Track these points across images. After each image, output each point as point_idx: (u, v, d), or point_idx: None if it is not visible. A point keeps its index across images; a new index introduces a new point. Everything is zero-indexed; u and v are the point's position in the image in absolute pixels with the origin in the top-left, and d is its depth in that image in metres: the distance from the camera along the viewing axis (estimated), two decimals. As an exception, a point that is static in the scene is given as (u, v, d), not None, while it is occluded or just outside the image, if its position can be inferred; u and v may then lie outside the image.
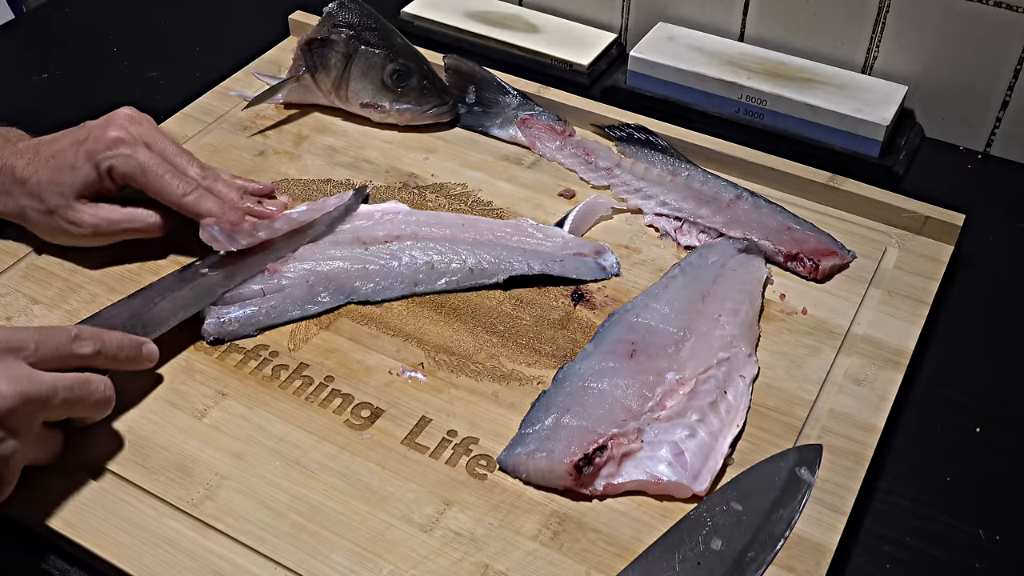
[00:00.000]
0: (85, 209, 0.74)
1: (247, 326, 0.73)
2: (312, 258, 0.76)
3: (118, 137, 0.73)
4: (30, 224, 0.76)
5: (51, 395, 0.57)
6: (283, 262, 0.76)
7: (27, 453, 0.58)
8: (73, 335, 0.61)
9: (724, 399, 0.66)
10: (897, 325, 0.74)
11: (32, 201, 0.74)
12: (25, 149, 0.75)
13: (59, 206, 0.73)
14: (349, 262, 0.76)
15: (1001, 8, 0.85)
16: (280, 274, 0.75)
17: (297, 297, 0.74)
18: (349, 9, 0.90)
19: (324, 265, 0.76)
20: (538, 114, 0.91)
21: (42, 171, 0.73)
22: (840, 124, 0.89)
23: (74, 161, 0.73)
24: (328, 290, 0.75)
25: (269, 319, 0.73)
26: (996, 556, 0.62)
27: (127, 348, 0.64)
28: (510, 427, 0.67)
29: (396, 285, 0.76)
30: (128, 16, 1.12)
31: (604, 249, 0.79)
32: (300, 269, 0.75)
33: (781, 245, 0.78)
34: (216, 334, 0.72)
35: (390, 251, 0.77)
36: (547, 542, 0.61)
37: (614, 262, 0.79)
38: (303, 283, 0.75)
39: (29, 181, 0.73)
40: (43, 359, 0.58)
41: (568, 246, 0.79)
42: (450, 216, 0.81)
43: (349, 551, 0.60)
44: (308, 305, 0.74)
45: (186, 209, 0.74)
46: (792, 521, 0.61)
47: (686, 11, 1.01)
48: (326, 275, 0.75)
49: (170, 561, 0.59)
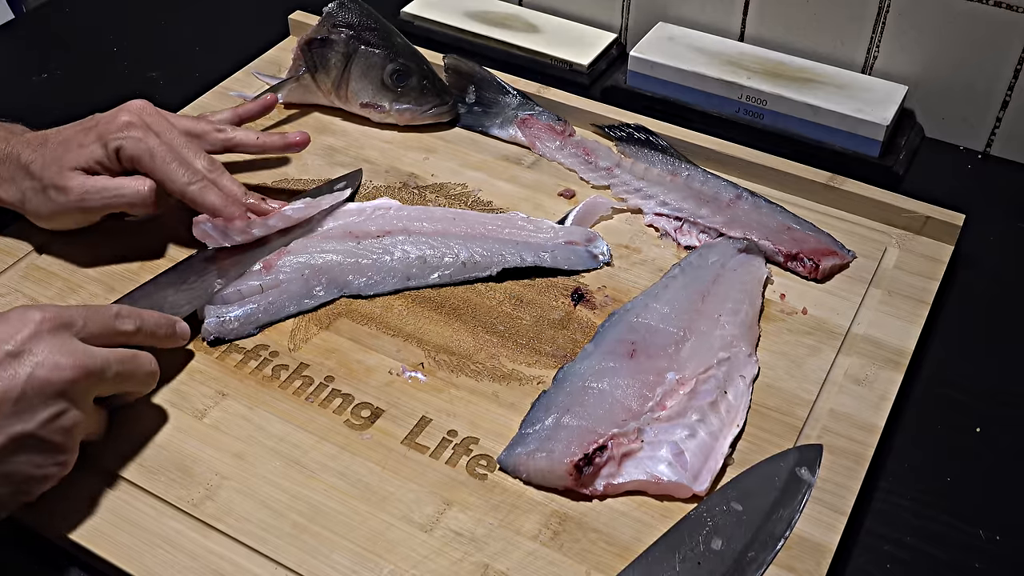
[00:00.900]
0: (75, 176, 0.73)
1: (247, 324, 0.73)
2: (305, 251, 0.76)
3: (130, 121, 0.74)
4: (28, 208, 0.75)
5: (106, 368, 0.60)
6: (277, 255, 0.76)
7: (85, 426, 0.60)
8: (115, 312, 0.63)
9: (724, 399, 0.66)
10: (897, 325, 0.74)
11: (32, 182, 0.74)
12: (33, 139, 0.75)
13: (52, 176, 0.73)
14: (342, 255, 0.76)
15: (1001, 8, 0.85)
16: (276, 269, 0.75)
17: (294, 292, 0.74)
18: (349, 9, 0.90)
19: (318, 258, 0.76)
20: (538, 114, 0.91)
21: (48, 155, 0.74)
22: (840, 124, 0.89)
23: (83, 141, 0.74)
24: (322, 284, 0.75)
25: (268, 316, 0.73)
26: (996, 556, 0.62)
27: (163, 326, 0.67)
28: (510, 427, 0.67)
29: (389, 279, 0.76)
30: (128, 16, 1.12)
31: (595, 236, 0.80)
32: (295, 263, 0.75)
33: (781, 245, 0.78)
34: (216, 333, 0.72)
35: (382, 245, 0.77)
36: (547, 542, 0.61)
37: (605, 249, 0.79)
38: (299, 277, 0.75)
39: (32, 165, 0.74)
40: (91, 335, 0.60)
41: (559, 236, 0.79)
42: (440, 210, 0.82)
43: (349, 551, 0.60)
44: (305, 300, 0.74)
45: (190, 198, 0.75)
46: (792, 521, 0.61)
47: (686, 11, 1.01)
48: (320, 268, 0.75)
49: (170, 561, 0.59)
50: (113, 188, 0.74)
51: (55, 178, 0.73)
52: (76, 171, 0.73)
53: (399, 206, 0.82)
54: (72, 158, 0.73)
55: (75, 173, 0.73)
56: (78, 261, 0.78)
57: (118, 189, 0.74)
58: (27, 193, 0.74)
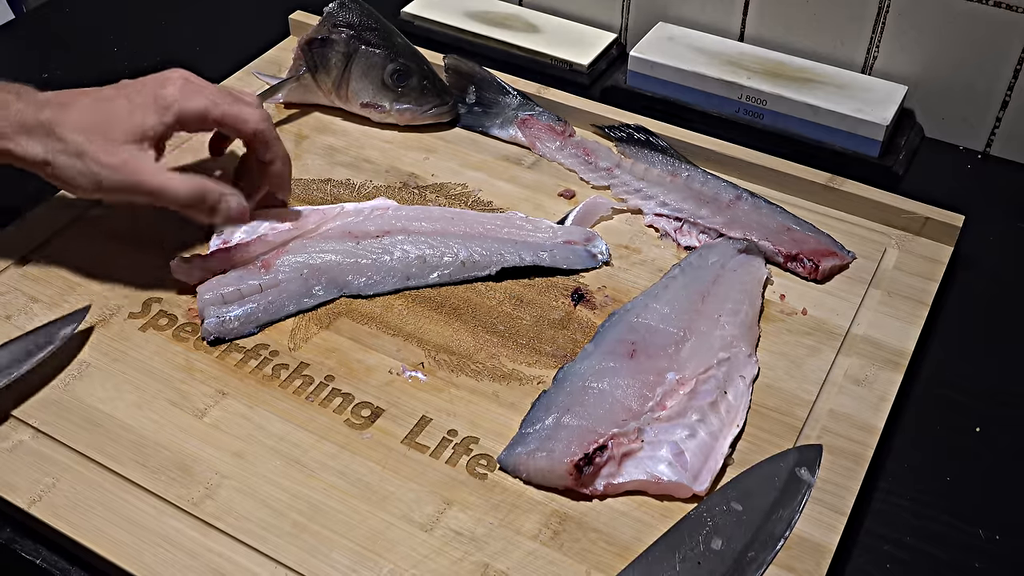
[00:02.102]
0: (127, 150, 0.69)
1: (247, 324, 0.73)
2: (304, 251, 0.76)
3: (183, 80, 0.72)
4: (57, 169, 0.69)
5: None
6: (276, 254, 0.76)
7: None
8: None
9: (724, 399, 0.66)
10: (897, 325, 0.74)
11: (62, 144, 0.69)
12: (52, 98, 0.71)
13: (97, 151, 0.68)
14: (341, 256, 0.76)
15: (1001, 8, 0.85)
16: (275, 268, 0.75)
17: (293, 292, 0.74)
18: (349, 9, 0.90)
19: (317, 258, 0.76)
20: (538, 114, 0.91)
21: (84, 115, 0.69)
22: (840, 124, 0.89)
23: (128, 108, 0.70)
24: (321, 283, 0.75)
25: (268, 315, 0.73)
26: (996, 556, 0.62)
27: None
28: (510, 427, 0.67)
29: (389, 279, 0.76)
30: (128, 16, 1.12)
31: (594, 236, 0.80)
32: (294, 262, 0.75)
33: (781, 246, 0.78)
34: (217, 333, 0.72)
35: (382, 245, 0.77)
36: (547, 542, 0.61)
37: (604, 248, 0.79)
38: (298, 276, 0.75)
39: (61, 127, 0.69)
40: None
41: (557, 235, 0.79)
42: (439, 210, 0.82)
43: (349, 550, 0.60)
44: (304, 299, 0.75)
45: (263, 138, 0.74)
46: (792, 521, 0.61)
47: (686, 11, 1.01)
48: (319, 268, 0.75)
49: (171, 560, 0.59)
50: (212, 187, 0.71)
51: (100, 153, 0.68)
52: (128, 145, 0.69)
53: (397, 206, 0.82)
54: (120, 129, 0.69)
55: (127, 147, 0.69)
56: (78, 261, 0.78)
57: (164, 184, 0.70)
58: (58, 158, 0.69)
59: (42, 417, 0.67)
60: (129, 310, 0.74)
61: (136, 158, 0.69)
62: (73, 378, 0.69)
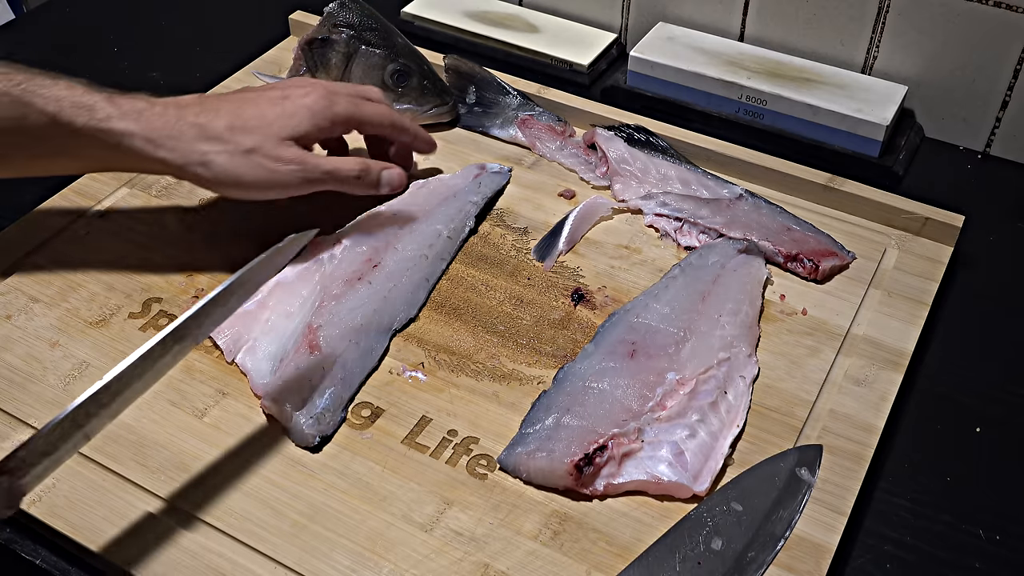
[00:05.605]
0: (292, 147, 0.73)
1: (338, 407, 0.68)
2: (332, 322, 0.71)
3: (324, 86, 0.77)
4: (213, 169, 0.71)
5: None
6: (313, 333, 0.70)
7: None
8: None
9: (724, 399, 0.66)
10: (897, 326, 0.74)
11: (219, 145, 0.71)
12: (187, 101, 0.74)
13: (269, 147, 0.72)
14: (365, 303, 0.73)
15: (1001, 8, 0.85)
16: (321, 345, 0.69)
17: (355, 357, 0.70)
18: (350, 9, 0.90)
19: (350, 321, 0.71)
20: (538, 114, 0.91)
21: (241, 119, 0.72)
22: (840, 124, 0.89)
23: (282, 111, 0.74)
24: (371, 336, 0.72)
25: (350, 389, 0.69)
26: (996, 556, 0.62)
27: None
28: (510, 427, 0.67)
29: (420, 293, 0.75)
30: (128, 16, 1.12)
31: (484, 164, 0.86)
32: (335, 334, 0.70)
33: (781, 246, 0.78)
34: (320, 433, 0.66)
35: (384, 274, 0.75)
36: (547, 542, 0.61)
37: (497, 167, 0.86)
38: (348, 344, 0.70)
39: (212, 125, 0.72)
40: None
41: (467, 174, 0.85)
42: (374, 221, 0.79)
43: (349, 550, 0.60)
44: (366, 361, 0.71)
45: (400, 126, 0.81)
46: (792, 521, 0.61)
47: (686, 11, 1.01)
48: (361, 328, 0.71)
49: (171, 560, 0.59)
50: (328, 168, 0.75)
51: (274, 149, 0.72)
52: (292, 142, 0.73)
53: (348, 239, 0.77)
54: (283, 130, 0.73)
55: (294, 145, 0.73)
56: (78, 261, 0.78)
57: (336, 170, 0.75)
58: (217, 158, 0.71)
59: (42, 417, 0.67)
60: (129, 310, 0.74)
61: (304, 152, 0.74)
62: (73, 378, 0.69)
